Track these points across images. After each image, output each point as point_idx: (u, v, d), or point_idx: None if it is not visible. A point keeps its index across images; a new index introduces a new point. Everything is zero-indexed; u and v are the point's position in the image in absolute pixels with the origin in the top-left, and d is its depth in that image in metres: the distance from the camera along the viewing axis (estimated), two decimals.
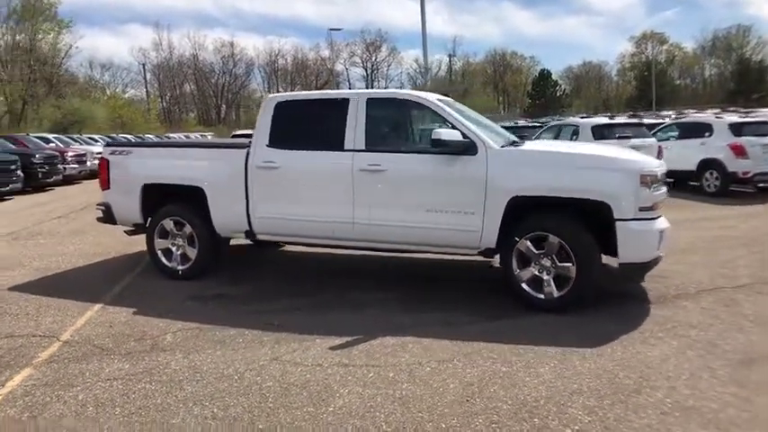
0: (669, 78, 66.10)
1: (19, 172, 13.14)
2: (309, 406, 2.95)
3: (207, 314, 4.42)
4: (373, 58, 73.32)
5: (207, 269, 5.40)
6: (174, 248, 5.40)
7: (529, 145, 4.53)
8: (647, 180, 4.04)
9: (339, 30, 42.86)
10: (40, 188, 14.65)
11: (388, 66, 74.34)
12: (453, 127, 4.43)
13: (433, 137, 4.23)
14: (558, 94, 66.73)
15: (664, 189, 4.35)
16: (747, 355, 3.42)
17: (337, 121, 4.74)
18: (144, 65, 62.83)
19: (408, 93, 4.79)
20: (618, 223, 4.03)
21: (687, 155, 10.78)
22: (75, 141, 21.59)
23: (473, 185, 4.31)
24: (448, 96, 5.81)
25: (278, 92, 75.75)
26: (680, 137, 11.55)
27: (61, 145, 19.14)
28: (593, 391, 2.99)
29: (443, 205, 4.43)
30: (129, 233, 5.76)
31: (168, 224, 5.37)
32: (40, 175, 14.37)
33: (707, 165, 10.57)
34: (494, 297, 4.58)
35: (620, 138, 9.99)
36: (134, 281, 5.44)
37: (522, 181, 4.24)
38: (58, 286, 5.29)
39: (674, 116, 23.40)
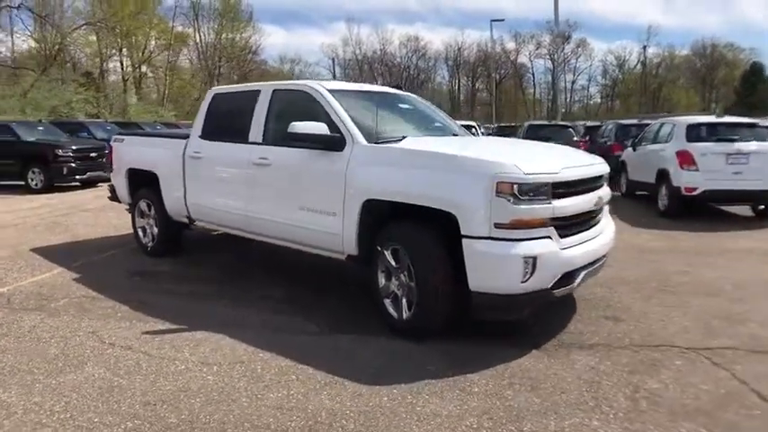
0: None
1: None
2: (53, 372, 3.19)
3: (120, 287, 4.85)
4: (560, 50, 68.85)
5: (170, 249, 5.91)
6: (147, 227, 6.04)
7: (407, 141, 3.92)
8: (506, 189, 3.18)
9: (501, 20, 41.03)
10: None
11: (577, 57, 69.09)
12: (330, 119, 4.10)
13: (288, 130, 3.97)
14: None
15: (564, 202, 3.38)
16: None
17: (249, 113, 4.77)
18: (333, 59, 68.48)
19: (304, 83, 4.54)
20: (464, 240, 3.30)
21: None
22: None
23: (334, 184, 3.94)
24: (400, 88, 5.36)
25: (459, 85, 77.34)
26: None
27: None
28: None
29: (312, 203, 4.15)
30: (128, 211, 6.59)
31: (143, 205, 6.01)
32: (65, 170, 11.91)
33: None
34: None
35: (720, 140, 7.87)
36: (115, 253, 6.22)
37: (376, 183, 3.74)
38: (56, 250, 6.31)
39: None
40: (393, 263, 3.69)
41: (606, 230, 4.12)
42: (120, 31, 26.49)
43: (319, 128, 3.96)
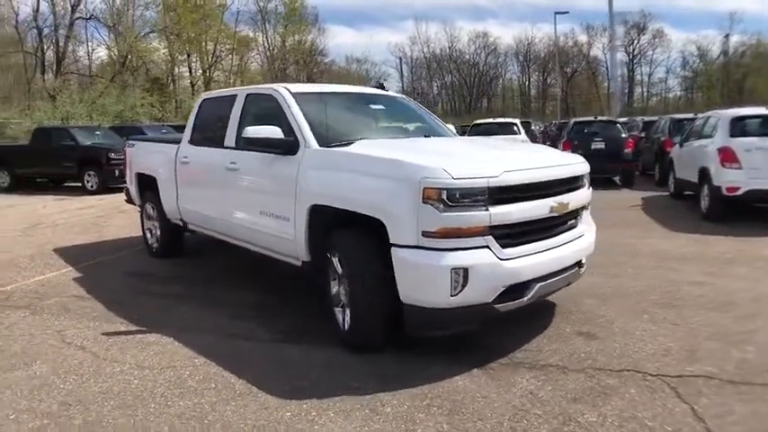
0: None
1: None
2: (4, 367, 3.38)
3: (110, 288, 5.04)
4: (636, 42, 64.77)
5: (172, 251, 6.10)
6: (153, 229, 6.26)
7: (356, 145, 3.73)
8: (433, 195, 2.95)
9: (566, 13, 39.15)
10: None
11: (654, 49, 64.65)
12: (287, 122, 4.02)
13: (242, 135, 3.93)
14: None
15: (507, 209, 3.09)
16: None
17: (226, 118, 4.79)
18: (400, 58, 68.51)
19: (271, 86, 4.46)
20: (393, 250, 3.11)
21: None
22: None
23: (287, 189, 3.85)
24: (383, 87, 5.19)
25: (529, 80, 74.71)
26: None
27: None
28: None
29: (270, 208, 4.10)
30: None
31: (149, 208, 6.25)
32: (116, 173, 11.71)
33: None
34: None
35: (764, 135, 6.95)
36: (124, 254, 6.50)
37: (321, 188, 3.62)
38: (75, 250, 6.69)
39: None
40: (340, 271, 3.56)
41: (582, 238, 3.75)
42: (187, 37, 28.00)
43: (272, 132, 3.90)
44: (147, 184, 6.21)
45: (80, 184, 12.83)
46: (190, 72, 34.61)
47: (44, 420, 2.74)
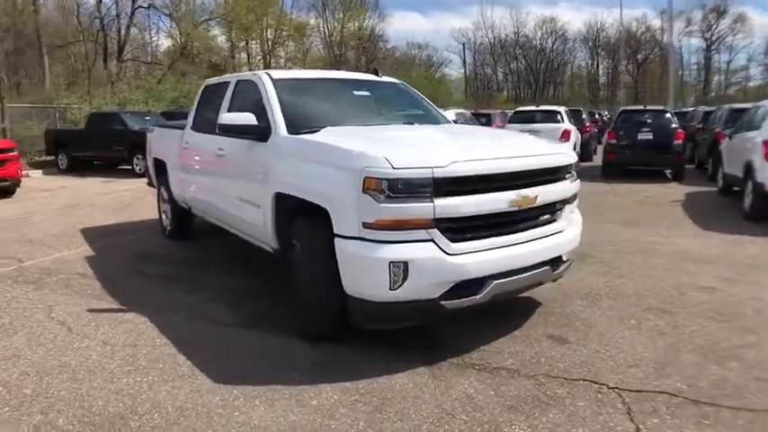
0: None
1: None
2: None
3: (113, 267, 5.29)
4: (714, 27, 59.93)
5: (182, 233, 6.31)
6: (167, 212, 6.50)
7: (321, 132, 3.61)
8: (373, 185, 2.84)
9: None
10: None
11: (734, 34, 59.55)
12: (263, 109, 4.01)
13: (218, 122, 3.96)
14: None
15: (456, 201, 2.92)
16: None
17: (220, 104, 4.86)
18: (464, 44, 67.02)
19: (254, 73, 4.43)
20: (336, 240, 3.04)
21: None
22: None
23: (258, 175, 3.87)
24: (377, 73, 5.06)
25: (598, 67, 71.02)
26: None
27: None
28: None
29: (246, 194, 4.14)
30: None
31: (163, 191, 6.48)
32: None
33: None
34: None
35: None
36: (141, 235, 6.78)
37: (283, 175, 3.59)
38: (99, 230, 7.07)
39: None
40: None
41: (559, 234, 3.51)
42: (244, 24, 28.75)
43: (245, 118, 3.91)
44: (161, 169, 6.44)
45: (130, 167, 13.55)
46: (248, 59, 35.59)
47: (0, 389, 2.91)
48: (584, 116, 16.57)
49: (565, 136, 12.23)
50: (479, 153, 3.16)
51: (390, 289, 2.87)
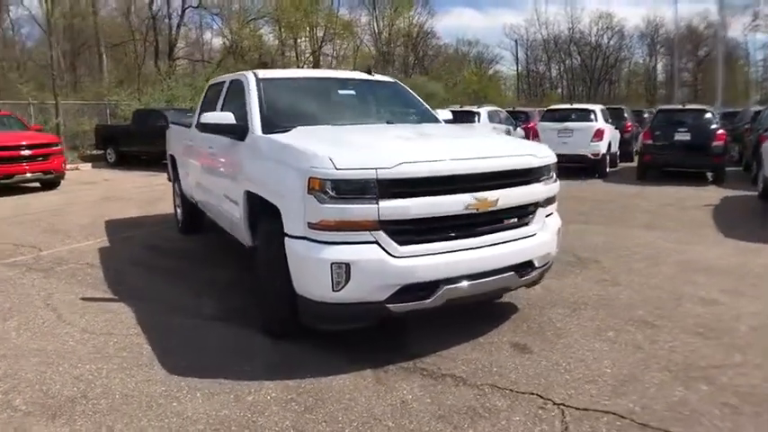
0: None
1: None
2: None
3: (122, 259, 5.58)
4: None
5: (193, 227, 6.54)
6: (180, 206, 6.76)
7: (292, 132, 3.64)
8: (316, 185, 2.85)
9: None
10: None
11: None
12: (244, 108, 4.10)
13: (200, 121, 4.08)
14: None
15: (403, 203, 2.88)
16: None
17: (216, 104, 5.01)
18: (516, 41, 65.41)
19: (243, 73, 4.51)
20: (285, 239, 3.09)
21: None
22: None
23: (235, 173, 3.98)
24: (370, 72, 5.05)
25: (656, 64, 67.75)
26: None
27: None
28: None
29: (227, 191, 4.25)
30: None
31: (176, 187, 6.75)
32: None
33: None
34: None
35: None
36: (159, 228, 7.08)
37: (251, 174, 3.69)
38: (123, 222, 7.44)
39: None
40: None
41: (529, 238, 3.40)
42: (291, 22, 29.28)
43: (224, 118, 4.02)
44: (174, 165, 6.71)
45: None
46: (296, 57, 36.24)
47: None
48: (626, 115, 15.83)
49: (598, 135, 11.74)
50: (432, 154, 3.10)
51: (333, 290, 2.88)
